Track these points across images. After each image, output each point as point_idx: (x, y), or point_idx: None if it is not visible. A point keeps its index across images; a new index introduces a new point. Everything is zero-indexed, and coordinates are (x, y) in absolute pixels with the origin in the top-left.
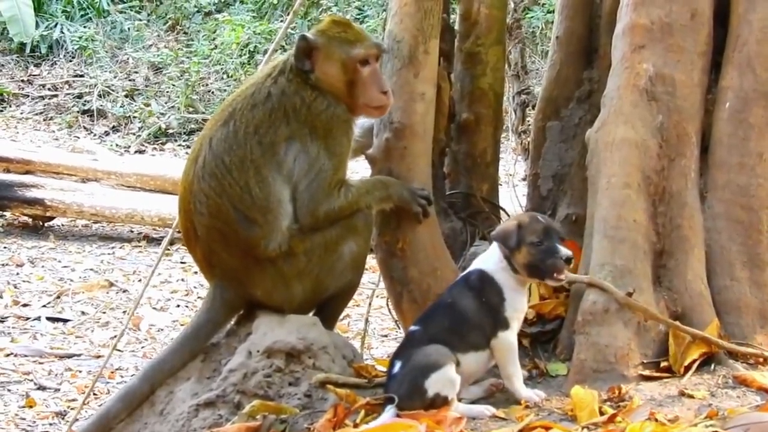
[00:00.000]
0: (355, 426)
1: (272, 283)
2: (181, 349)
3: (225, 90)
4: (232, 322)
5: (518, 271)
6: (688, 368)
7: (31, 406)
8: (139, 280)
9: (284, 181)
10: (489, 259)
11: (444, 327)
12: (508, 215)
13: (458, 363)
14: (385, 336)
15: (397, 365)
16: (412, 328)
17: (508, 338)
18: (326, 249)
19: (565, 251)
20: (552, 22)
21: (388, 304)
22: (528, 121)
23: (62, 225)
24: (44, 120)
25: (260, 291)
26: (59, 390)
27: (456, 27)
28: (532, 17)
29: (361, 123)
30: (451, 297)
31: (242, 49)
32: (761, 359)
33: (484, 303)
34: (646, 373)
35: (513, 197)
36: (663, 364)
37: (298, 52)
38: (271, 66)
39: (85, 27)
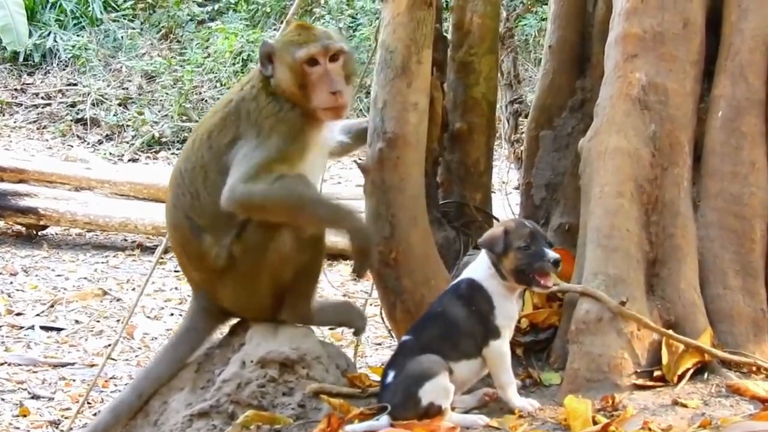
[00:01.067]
0: None
1: (234, 293)
2: (165, 358)
3: (218, 98)
4: (226, 332)
5: (506, 278)
6: (681, 377)
7: (24, 415)
8: (133, 289)
9: None
10: (477, 267)
11: (435, 336)
12: None
13: (451, 371)
14: (379, 344)
15: (391, 375)
16: (404, 337)
17: (500, 347)
18: (261, 241)
19: (552, 254)
20: (545, 30)
21: (381, 313)
22: (521, 129)
23: (56, 234)
24: (37, 129)
25: (227, 302)
26: (53, 399)
27: (449, 36)
28: (524, 25)
29: (344, 124)
30: (441, 306)
31: (235, 58)
32: (754, 368)
33: (474, 311)
34: (640, 382)
35: (506, 205)
36: (656, 373)
37: (260, 57)
38: (248, 75)
39: (78, 36)
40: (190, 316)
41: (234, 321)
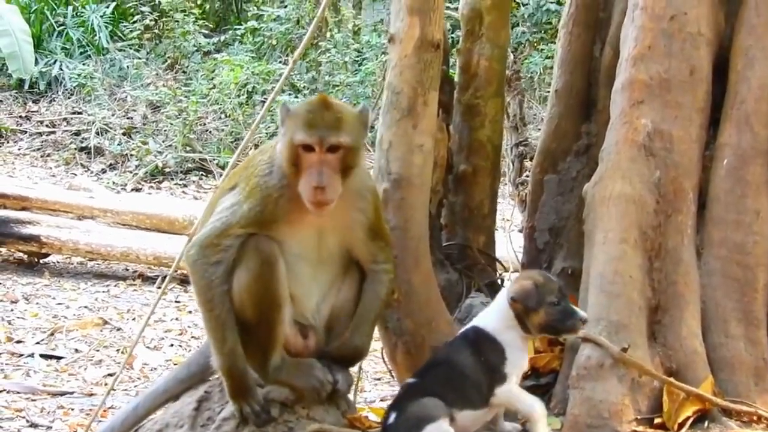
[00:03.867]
0: None
1: None
2: (167, 375)
3: (222, 129)
4: None
5: (530, 330)
6: (682, 425)
7: None
8: (134, 319)
9: None
10: (492, 317)
11: (440, 381)
12: (504, 267)
13: (453, 418)
14: (378, 379)
15: (392, 416)
16: (409, 380)
17: (508, 390)
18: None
19: (582, 314)
20: (549, 68)
21: (382, 352)
22: (526, 172)
23: (57, 262)
24: (41, 156)
25: None
26: (51, 428)
27: (455, 79)
28: (530, 63)
29: None
30: (449, 353)
31: (240, 89)
32: (755, 417)
33: (483, 362)
34: (640, 429)
35: (508, 245)
36: (657, 420)
37: (279, 118)
38: None
39: (84, 64)
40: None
41: None
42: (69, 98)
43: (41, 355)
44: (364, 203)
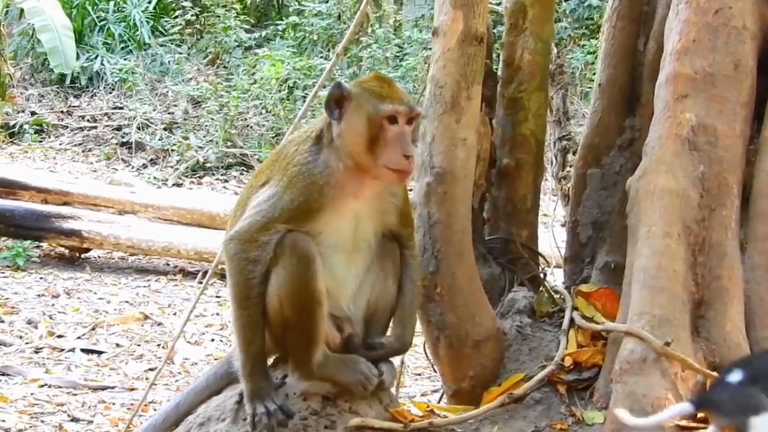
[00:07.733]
0: None
1: None
2: (208, 372)
3: (263, 125)
4: (269, 364)
5: None
6: None
7: None
8: (174, 314)
9: None
10: None
11: None
12: (547, 262)
13: None
14: (419, 374)
15: (737, 376)
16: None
17: None
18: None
19: None
20: (591, 63)
21: (424, 347)
22: (568, 166)
23: (98, 257)
24: (83, 151)
25: None
26: (92, 422)
27: (499, 73)
28: (571, 58)
29: None
30: None
31: (281, 85)
32: None
33: None
34: (683, 423)
35: (551, 239)
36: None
37: (329, 99)
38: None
39: (125, 59)
40: None
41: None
42: (110, 93)
43: (82, 350)
44: (396, 188)
